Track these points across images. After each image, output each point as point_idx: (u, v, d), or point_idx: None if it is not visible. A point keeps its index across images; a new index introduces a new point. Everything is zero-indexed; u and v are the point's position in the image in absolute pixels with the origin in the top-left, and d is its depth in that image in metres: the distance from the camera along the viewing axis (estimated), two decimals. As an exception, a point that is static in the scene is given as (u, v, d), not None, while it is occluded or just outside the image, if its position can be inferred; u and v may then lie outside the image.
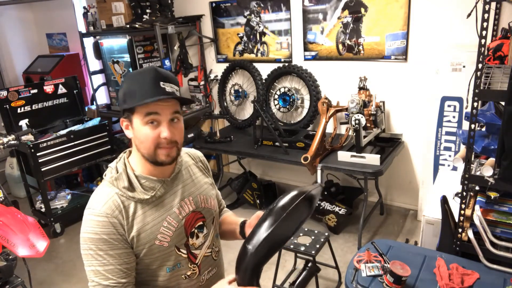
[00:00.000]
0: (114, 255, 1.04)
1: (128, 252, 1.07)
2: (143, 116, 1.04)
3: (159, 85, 1.04)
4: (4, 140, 2.87)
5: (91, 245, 1.04)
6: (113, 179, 1.09)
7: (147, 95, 1.02)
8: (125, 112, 1.08)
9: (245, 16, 3.83)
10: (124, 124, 1.11)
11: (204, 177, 1.30)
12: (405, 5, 3.02)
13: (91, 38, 4.26)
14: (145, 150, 1.08)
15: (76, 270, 3.13)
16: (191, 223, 1.18)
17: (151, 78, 1.05)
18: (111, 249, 1.04)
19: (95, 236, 1.03)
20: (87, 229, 1.05)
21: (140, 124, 1.06)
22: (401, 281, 1.62)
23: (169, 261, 1.14)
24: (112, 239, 1.04)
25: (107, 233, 1.03)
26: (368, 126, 2.97)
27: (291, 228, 1.08)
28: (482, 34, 1.56)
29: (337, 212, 3.23)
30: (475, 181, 1.75)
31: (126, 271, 1.06)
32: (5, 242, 2.08)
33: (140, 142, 1.08)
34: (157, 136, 1.06)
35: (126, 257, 1.07)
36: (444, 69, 2.88)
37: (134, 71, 1.15)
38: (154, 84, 1.04)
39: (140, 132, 1.06)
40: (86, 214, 1.08)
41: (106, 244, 1.03)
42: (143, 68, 1.11)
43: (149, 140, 1.06)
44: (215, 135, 3.77)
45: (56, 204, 3.74)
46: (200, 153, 1.36)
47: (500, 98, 1.67)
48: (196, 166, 1.30)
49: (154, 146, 1.06)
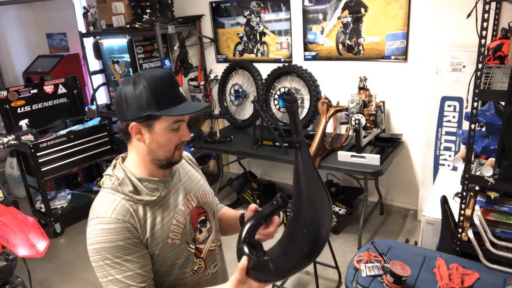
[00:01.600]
0: (132, 260, 1.03)
1: (145, 253, 1.07)
2: (171, 123, 1.06)
3: (179, 91, 1.08)
4: (4, 140, 2.87)
5: (106, 254, 1.01)
6: (116, 186, 1.08)
7: (177, 103, 1.06)
8: (142, 117, 1.04)
9: (245, 16, 3.83)
10: (136, 129, 1.06)
11: (198, 174, 1.33)
12: (405, 5, 3.02)
13: (91, 38, 4.26)
14: (164, 154, 1.09)
15: (76, 270, 3.13)
16: (195, 218, 1.20)
17: (173, 83, 1.07)
18: (128, 254, 1.03)
19: (109, 244, 1.01)
20: (99, 239, 1.02)
21: (164, 130, 1.07)
22: (401, 281, 1.62)
23: (180, 258, 1.15)
24: (128, 244, 1.03)
25: (123, 239, 1.02)
26: (368, 126, 2.97)
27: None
28: (482, 34, 1.56)
29: (337, 212, 3.23)
30: (475, 181, 1.75)
31: (146, 274, 1.06)
32: (5, 242, 2.07)
33: (160, 146, 1.08)
34: (178, 139, 1.10)
35: (144, 259, 1.06)
36: (444, 69, 2.88)
37: (148, 73, 1.06)
38: (175, 90, 1.07)
39: (163, 137, 1.07)
40: (94, 224, 1.04)
41: (122, 250, 1.02)
42: (157, 70, 1.08)
43: (172, 143, 1.09)
44: (215, 135, 3.77)
45: (56, 204, 3.74)
46: (187, 153, 1.39)
47: (500, 98, 1.68)
48: (188, 164, 1.33)
49: (174, 149, 1.11)
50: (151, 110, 1.03)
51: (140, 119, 1.04)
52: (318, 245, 0.98)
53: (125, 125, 1.07)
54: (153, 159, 1.11)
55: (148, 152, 1.10)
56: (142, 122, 1.05)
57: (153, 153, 1.09)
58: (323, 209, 0.98)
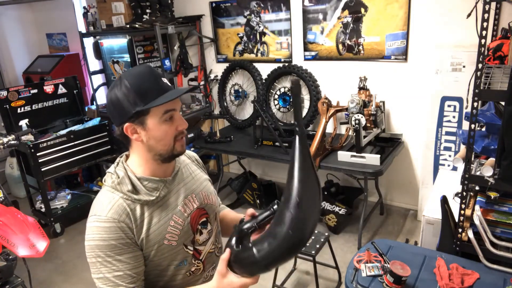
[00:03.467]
0: (123, 260, 1.04)
1: (138, 255, 1.07)
2: (161, 114, 1.06)
3: (162, 81, 1.08)
4: (4, 140, 2.87)
5: (99, 252, 1.02)
6: (115, 184, 1.08)
7: (162, 94, 1.05)
8: (132, 117, 1.04)
9: (245, 16, 3.83)
10: (131, 129, 1.07)
11: (203, 174, 1.32)
12: (405, 5, 3.02)
13: (91, 38, 4.26)
14: (164, 147, 1.09)
15: (76, 270, 3.13)
16: (196, 219, 1.19)
17: (154, 76, 1.07)
18: (120, 254, 1.03)
19: (102, 242, 1.02)
20: (94, 237, 1.03)
21: (157, 123, 1.06)
22: (401, 281, 1.62)
23: (176, 260, 1.14)
24: (121, 244, 1.03)
25: (116, 238, 1.02)
26: (368, 126, 2.97)
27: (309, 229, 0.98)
28: (482, 34, 1.56)
29: (337, 212, 3.23)
30: (475, 181, 1.75)
31: (136, 276, 1.06)
32: (5, 242, 2.07)
33: (158, 141, 1.08)
34: (174, 130, 1.09)
35: (136, 261, 1.06)
36: (444, 69, 2.88)
37: (127, 73, 1.07)
38: (158, 82, 1.07)
39: (159, 131, 1.07)
40: (91, 221, 1.05)
41: (114, 249, 1.03)
42: (135, 68, 1.08)
43: (169, 135, 1.09)
44: (215, 135, 3.77)
45: (56, 204, 3.74)
46: (194, 153, 1.38)
47: (500, 98, 1.68)
48: (193, 164, 1.32)
49: (174, 140, 1.10)
50: (138, 107, 1.03)
51: (131, 118, 1.05)
52: (304, 229, 0.96)
53: (121, 128, 1.08)
54: (155, 155, 1.10)
55: (149, 150, 1.10)
56: (134, 121, 1.06)
57: (153, 149, 1.09)
58: (313, 193, 0.98)
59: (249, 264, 1.01)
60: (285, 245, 0.96)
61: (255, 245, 1.00)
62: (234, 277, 1.03)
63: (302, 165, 0.97)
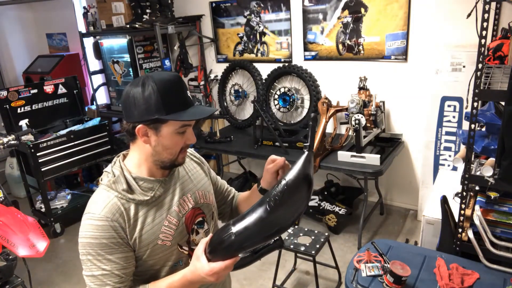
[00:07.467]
0: (113, 260, 1.04)
1: (128, 256, 1.07)
2: (178, 127, 1.06)
3: (187, 95, 1.09)
4: (4, 140, 2.87)
5: (90, 250, 1.03)
6: (111, 183, 1.09)
7: (185, 107, 1.06)
8: (149, 120, 1.04)
9: (245, 16, 3.83)
10: (142, 131, 1.06)
11: (201, 172, 1.30)
12: (405, 5, 3.02)
13: (91, 38, 4.26)
14: (169, 156, 1.10)
15: (76, 270, 3.13)
16: (191, 219, 1.19)
17: (182, 87, 1.07)
18: (110, 254, 1.03)
19: (94, 240, 1.02)
20: (86, 234, 1.04)
21: (171, 133, 1.07)
22: (401, 281, 1.62)
23: (171, 260, 1.14)
24: (112, 243, 1.03)
25: (107, 237, 1.03)
26: (368, 126, 2.97)
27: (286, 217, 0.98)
28: (482, 34, 1.56)
29: (337, 212, 3.23)
30: (475, 181, 1.75)
31: (124, 276, 1.06)
32: (5, 242, 2.07)
33: (166, 149, 1.08)
34: (183, 142, 1.11)
35: (125, 261, 1.06)
36: (444, 69, 2.88)
37: (156, 75, 1.04)
38: (184, 94, 1.07)
39: (170, 140, 1.07)
40: (85, 219, 1.06)
41: (105, 248, 1.03)
42: (165, 73, 1.06)
43: (177, 146, 1.10)
44: (215, 135, 3.78)
45: (56, 204, 3.74)
46: (191, 149, 1.37)
47: (500, 98, 1.67)
48: (193, 161, 1.31)
49: (180, 151, 1.11)
50: (159, 114, 1.02)
51: (147, 121, 1.04)
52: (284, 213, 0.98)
53: (132, 126, 1.07)
54: (157, 160, 1.11)
55: (153, 154, 1.10)
56: (150, 124, 1.05)
57: (158, 155, 1.10)
58: (303, 185, 1.00)
59: (228, 248, 0.98)
60: (261, 223, 0.97)
61: (234, 224, 0.99)
62: (204, 260, 0.99)
63: (302, 164, 1.03)
